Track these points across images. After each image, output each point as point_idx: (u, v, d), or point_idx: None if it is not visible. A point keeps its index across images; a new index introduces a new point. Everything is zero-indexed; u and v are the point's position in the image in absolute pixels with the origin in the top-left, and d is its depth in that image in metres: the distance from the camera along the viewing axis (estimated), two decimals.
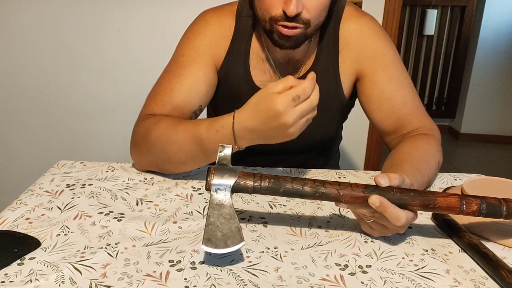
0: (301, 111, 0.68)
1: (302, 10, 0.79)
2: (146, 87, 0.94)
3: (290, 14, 0.78)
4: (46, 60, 1.96)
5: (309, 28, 0.83)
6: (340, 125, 1.13)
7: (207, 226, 0.60)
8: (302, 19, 0.81)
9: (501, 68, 3.52)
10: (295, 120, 0.69)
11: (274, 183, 0.63)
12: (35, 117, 2.05)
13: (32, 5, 1.88)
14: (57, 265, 0.59)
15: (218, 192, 0.63)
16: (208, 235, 0.59)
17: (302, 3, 0.79)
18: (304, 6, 0.79)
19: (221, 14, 0.96)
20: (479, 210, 0.61)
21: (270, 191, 0.63)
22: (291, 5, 0.77)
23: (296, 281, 0.58)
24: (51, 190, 0.81)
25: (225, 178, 0.63)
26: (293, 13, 0.77)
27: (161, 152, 0.83)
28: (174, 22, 1.90)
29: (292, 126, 0.69)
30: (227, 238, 0.59)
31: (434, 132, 0.91)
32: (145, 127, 0.86)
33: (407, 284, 0.58)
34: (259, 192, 0.64)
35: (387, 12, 1.94)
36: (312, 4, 0.80)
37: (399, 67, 0.94)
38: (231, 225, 0.61)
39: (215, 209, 0.62)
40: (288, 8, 0.77)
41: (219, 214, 0.62)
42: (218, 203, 0.63)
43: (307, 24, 0.82)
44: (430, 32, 3.64)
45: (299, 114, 0.68)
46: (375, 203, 0.61)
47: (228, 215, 0.62)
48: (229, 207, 0.62)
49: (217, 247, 0.58)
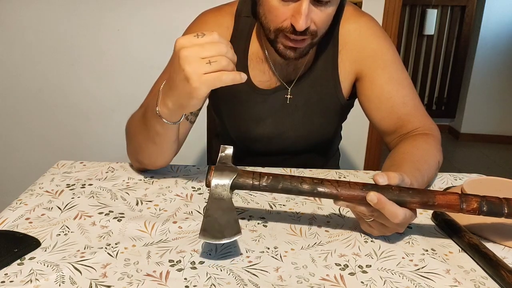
0: (199, 49, 0.62)
1: (310, 24, 0.79)
2: (146, 87, 0.94)
3: (299, 29, 0.77)
4: (46, 60, 1.96)
5: (315, 38, 0.83)
6: (340, 125, 1.13)
7: (205, 218, 0.61)
8: (310, 32, 0.80)
9: (501, 68, 3.52)
10: (190, 53, 0.62)
11: (273, 180, 0.64)
12: (34, 117, 2.05)
13: (32, 5, 1.88)
14: (57, 265, 0.59)
15: (218, 187, 0.64)
16: (205, 226, 0.60)
17: (311, 17, 0.78)
18: (312, 19, 0.79)
19: (220, 14, 0.96)
20: (479, 208, 0.61)
21: (269, 188, 0.64)
22: (301, 20, 0.76)
23: (296, 281, 0.58)
24: (51, 190, 0.81)
25: (225, 175, 0.64)
26: (302, 28, 0.77)
27: (128, 139, 0.87)
28: (174, 22, 1.90)
29: (191, 63, 0.62)
30: (224, 229, 0.59)
31: (434, 132, 0.91)
32: (129, 121, 0.89)
33: (407, 284, 0.58)
34: (258, 189, 0.64)
35: (387, 12, 1.94)
36: (320, 17, 0.80)
37: (398, 67, 0.94)
38: (229, 217, 0.61)
39: (214, 202, 0.63)
40: (297, 23, 0.76)
41: (217, 207, 0.62)
42: (217, 197, 0.63)
43: (314, 35, 0.82)
44: (430, 32, 3.64)
45: (197, 49, 0.62)
46: (372, 200, 0.61)
47: (227, 208, 0.62)
48: (228, 201, 0.63)
49: (214, 238, 0.59)
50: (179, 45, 0.63)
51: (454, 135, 3.83)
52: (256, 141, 1.03)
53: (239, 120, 1.02)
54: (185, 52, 0.63)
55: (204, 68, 0.62)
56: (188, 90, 0.64)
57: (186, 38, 0.64)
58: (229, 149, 0.69)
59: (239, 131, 1.04)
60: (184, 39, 0.64)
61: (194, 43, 0.63)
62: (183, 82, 0.64)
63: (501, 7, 3.43)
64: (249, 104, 0.98)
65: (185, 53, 0.63)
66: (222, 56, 0.63)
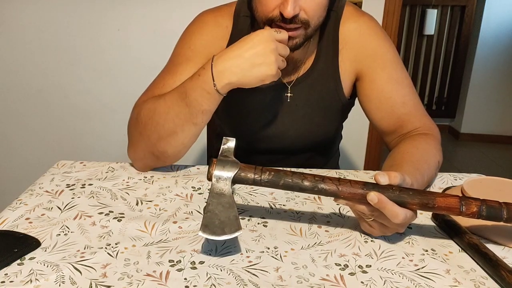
0: (281, 47, 0.78)
1: (299, 12, 0.79)
2: (146, 86, 0.94)
3: (287, 16, 0.77)
4: (46, 60, 1.96)
5: (309, 28, 0.83)
6: (340, 125, 1.13)
7: (205, 214, 0.61)
8: (301, 20, 0.80)
9: (501, 68, 3.52)
10: (276, 47, 0.76)
11: (274, 176, 0.64)
12: (35, 116, 2.05)
13: (32, 5, 1.88)
14: (57, 265, 0.59)
15: (219, 181, 0.64)
16: (205, 222, 0.60)
17: (299, 5, 0.78)
18: (301, 7, 0.79)
19: (219, 14, 0.96)
20: (479, 212, 0.61)
21: (270, 184, 0.64)
22: (288, 6, 0.76)
23: (296, 281, 0.58)
24: (51, 190, 0.81)
25: (227, 169, 0.64)
26: (290, 14, 0.77)
27: (152, 128, 0.83)
28: (174, 22, 1.90)
29: (272, 54, 0.75)
30: (225, 225, 0.60)
31: (434, 132, 0.91)
32: (135, 113, 0.88)
33: (407, 284, 0.58)
34: (259, 184, 0.64)
35: (387, 12, 1.94)
36: (309, 5, 0.80)
37: (398, 66, 0.94)
38: (229, 213, 0.61)
39: (214, 197, 0.63)
40: (285, 10, 0.77)
41: (218, 202, 0.62)
42: (218, 192, 0.63)
43: (306, 24, 0.81)
44: (430, 32, 3.64)
45: (281, 47, 0.78)
46: (373, 199, 0.61)
47: (227, 204, 0.62)
48: (229, 197, 0.63)
49: (214, 234, 0.59)
50: (270, 36, 0.76)
51: (454, 135, 3.82)
52: (256, 140, 1.03)
53: (239, 119, 1.02)
54: (275, 45, 0.76)
55: (280, 63, 0.78)
56: (262, 74, 0.76)
57: (272, 32, 0.77)
58: (231, 142, 0.68)
59: (239, 130, 1.04)
60: (272, 32, 0.77)
61: (278, 39, 0.77)
62: (262, 67, 0.76)
63: (501, 7, 3.43)
64: (249, 103, 0.98)
65: (275, 46, 0.76)
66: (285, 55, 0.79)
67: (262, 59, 0.76)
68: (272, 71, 0.76)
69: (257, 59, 0.76)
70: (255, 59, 0.76)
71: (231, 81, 0.77)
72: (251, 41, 0.76)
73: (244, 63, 0.76)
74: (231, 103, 1.01)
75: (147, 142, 0.85)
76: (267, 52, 0.75)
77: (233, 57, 0.76)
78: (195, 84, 0.79)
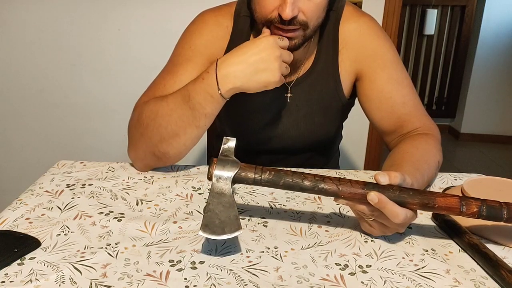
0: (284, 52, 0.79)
1: (298, 13, 0.79)
2: (146, 86, 0.94)
3: (286, 18, 0.77)
4: (47, 60, 1.96)
5: (307, 30, 0.82)
6: (340, 125, 1.13)
7: (205, 213, 0.61)
8: (299, 21, 0.80)
9: (501, 68, 3.52)
10: (280, 54, 0.78)
11: (274, 175, 0.64)
12: (35, 116, 2.05)
13: (32, 5, 1.88)
14: (57, 265, 0.59)
15: (219, 181, 0.64)
16: (206, 221, 0.60)
17: (298, 6, 0.78)
18: (300, 9, 0.79)
19: (219, 14, 0.96)
20: (479, 212, 0.61)
21: (270, 183, 0.64)
22: (286, 8, 0.76)
23: (296, 281, 0.58)
24: (51, 190, 0.81)
25: (227, 168, 0.64)
26: (289, 16, 0.77)
27: (154, 130, 0.83)
28: (174, 22, 1.90)
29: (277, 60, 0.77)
30: (225, 225, 0.60)
31: (434, 132, 0.91)
32: (136, 114, 0.87)
33: (407, 284, 0.58)
34: (260, 183, 0.64)
35: (387, 12, 1.94)
36: (308, 6, 0.80)
37: (398, 66, 0.94)
38: (230, 213, 0.61)
39: (215, 197, 0.63)
40: (283, 12, 0.77)
41: (218, 202, 0.62)
42: (218, 191, 0.63)
43: (304, 26, 0.81)
44: (430, 32, 3.64)
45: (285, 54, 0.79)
46: (373, 199, 0.61)
47: (228, 203, 0.62)
48: (229, 196, 0.63)
49: (215, 234, 0.59)
50: (274, 43, 0.78)
51: (454, 135, 3.82)
52: (256, 140, 1.03)
53: (239, 119, 1.02)
54: (280, 52, 0.78)
55: (283, 70, 0.80)
56: (266, 80, 0.78)
57: (277, 39, 0.78)
58: (231, 141, 0.69)
59: (239, 130, 1.04)
60: (276, 39, 0.78)
61: (281, 46, 0.79)
62: (265, 73, 0.77)
63: (501, 7, 3.43)
64: (249, 103, 0.98)
65: (279, 53, 0.78)
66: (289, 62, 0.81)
67: (266, 65, 0.77)
68: (275, 77, 0.77)
69: (261, 65, 0.77)
70: (260, 65, 0.77)
71: (235, 86, 0.78)
72: (256, 47, 0.77)
73: (249, 69, 0.77)
74: (231, 104, 1.00)
75: (149, 143, 0.85)
76: (272, 59, 0.77)
77: (237, 62, 0.77)
78: (198, 88, 0.80)
